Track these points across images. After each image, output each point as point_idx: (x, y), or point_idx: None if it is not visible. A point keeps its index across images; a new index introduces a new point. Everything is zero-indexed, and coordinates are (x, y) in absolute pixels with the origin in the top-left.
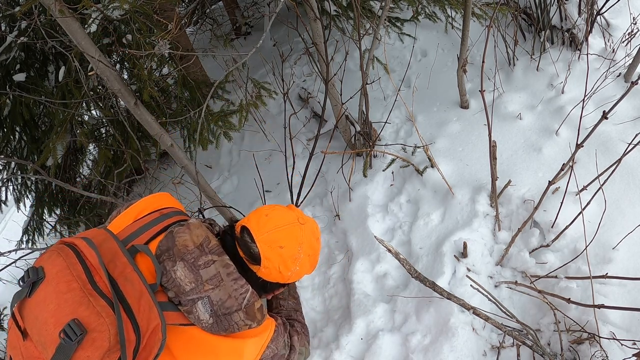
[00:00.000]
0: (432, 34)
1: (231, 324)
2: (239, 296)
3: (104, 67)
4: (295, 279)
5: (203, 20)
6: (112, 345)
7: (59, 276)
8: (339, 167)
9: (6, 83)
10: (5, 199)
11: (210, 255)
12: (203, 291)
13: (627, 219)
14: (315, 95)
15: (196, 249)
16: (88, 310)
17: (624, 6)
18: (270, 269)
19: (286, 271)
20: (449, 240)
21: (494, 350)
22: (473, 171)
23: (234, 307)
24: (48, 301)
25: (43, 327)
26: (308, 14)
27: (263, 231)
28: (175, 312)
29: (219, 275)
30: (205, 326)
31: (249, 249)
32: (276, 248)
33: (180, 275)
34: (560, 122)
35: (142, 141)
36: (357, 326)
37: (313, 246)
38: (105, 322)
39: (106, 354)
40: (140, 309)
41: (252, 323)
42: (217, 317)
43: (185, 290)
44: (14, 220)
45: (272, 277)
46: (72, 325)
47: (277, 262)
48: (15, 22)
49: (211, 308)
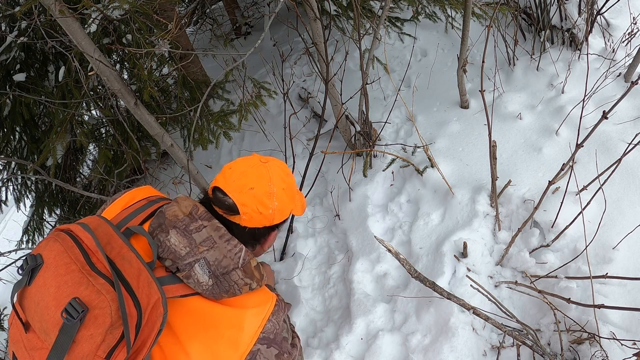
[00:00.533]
0: (432, 34)
1: (231, 284)
2: (234, 256)
3: (104, 67)
4: (281, 217)
5: (203, 20)
6: (115, 321)
7: (57, 260)
8: (339, 167)
9: (6, 83)
10: (5, 199)
11: (201, 221)
12: (198, 253)
13: (627, 219)
14: (315, 95)
15: (186, 217)
16: (88, 289)
17: (624, 6)
18: (250, 214)
19: (266, 210)
20: (449, 240)
21: (494, 350)
22: (473, 171)
23: (230, 266)
24: (48, 285)
25: (45, 311)
26: (308, 14)
27: (230, 182)
28: (175, 284)
29: (212, 238)
30: (206, 289)
31: (224, 203)
32: (247, 191)
33: (174, 241)
34: (560, 122)
35: (142, 141)
36: (357, 326)
37: (284, 179)
38: (106, 299)
39: (109, 330)
40: (139, 286)
41: (252, 282)
42: (216, 278)
43: (181, 255)
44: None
45: (256, 221)
46: (73, 304)
47: (253, 204)
48: (15, 22)
49: (209, 269)
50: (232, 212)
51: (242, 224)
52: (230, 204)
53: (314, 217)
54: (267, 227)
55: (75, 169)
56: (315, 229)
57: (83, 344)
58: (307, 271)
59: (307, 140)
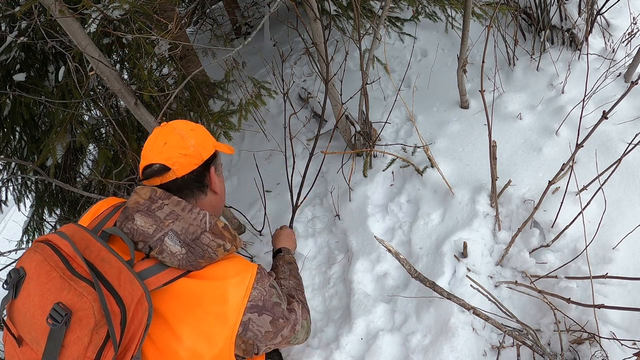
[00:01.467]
0: (432, 34)
1: (204, 248)
2: (200, 222)
3: (104, 67)
4: (206, 152)
5: (203, 20)
6: (98, 320)
7: (39, 269)
8: (339, 167)
9: (6, 83)
10: (5, 199)
11: (161, 201)
12: (165, 227)
13: (627, 219)
14: (315, 95)
15: (146, 201)
16: (70, 293)
17: (624, 6)
18: (179, 161)
19: (187, 150)
20: (449, 240)
21: (494, 350)
22: (473, 171)
23: (198, 231)
24: (32, 295)
25: (32, 321)
26: (308, 14)
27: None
28: (157, 274)
29: (174, 212)
30: (181, 258)
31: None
32: (163, 147)
33: (140, 223)
34: (560, 122)
35: (143, 141)
36: (357, 326)
37: (188, 123)
38: (88, 300)
39: (94, 330)
40: (120, 284)
41: (224, 242)
42: (188, 246)
43: (149, 233)
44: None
45: (186, 164)
46: (56, 309)
47: (174, 152)
48: (15, 22)
49: (178, 239)
50: (164, 172)
51: (178, 175)
52: (158, 167)
53: (314, 217)
54: (201, 166)
55: (75, 169)
56: (315, 229)
57: (72, 347)
58: (307, 271)
59: (307, 140)
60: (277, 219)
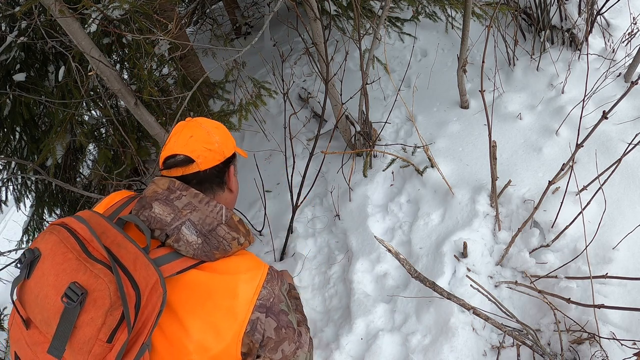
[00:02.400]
0: (432, 34)
1: (219, 240)
2: (216, 215)
3: (104, 67)
4: (228, 150)
5: (203, 20)
6: (114, 302)
7: (54, 250)
8: (339, 167)
9: (6, 83)
10: (5, 199)
11: (179, 192)
12: (182, 216)
13: (627, 219)
14: (315, 95)
15: (165, 191)
16: (86, 274)
17: (624, 6)
18: (203, 155)
19: (212, 145)
20: (449, 240)
21: (494, 350)
22: (473, 171)
23: (215, 223)
24: (47, 275)
25: (45, 301)
26: (308, 14)
27: (172, 146)
28: (171, 262)
29: (192, 203)
30: (196, 248)
31: (177, 161)
32: (189, 140)
33: (158, 211)
34: (560, 122)
35: (142, 141)
36: (357, 326)
37: (212, 121)
38: (104, 282)
39: (109, 312)
40: (136, 268)
41: (239, 236)
42: (204, 237)
43: (167, 221)
44: (14, 220)
45: (210, 159)
46: (72, 288)
47: (199, 146)
48: (15, 22)
49: (195, 229)
50: (188, 163)
51: (201, 168)
52: (183, 158)
53: (314, 217)
54: (223, 163)
55: (75, 168)
56: (315, 229)
57: (84, 328)
58: (307, 271)
59: (307, 140)
60: (277, 219)
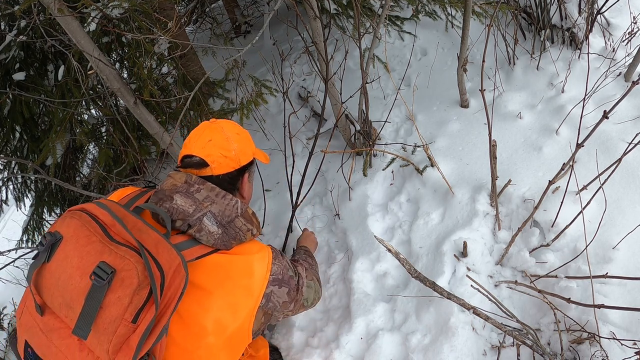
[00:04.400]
0: (432, 33)
1: (236, 231)
2: (232, 207)
3: (103, 66)
4: (245, 158)
5: (203, 19)
6: (141, 281)
7: (77, 233)
8: (338, 166)
9: (6, 82)
10: (6, 198)
11: (197, 185)
12: (204, 208)
13: (627, 219)
14: (315, 94)
15: (184, 184)
16: (111, 256)
17: (624, 5)
18: (218, 160)
19: (229, 152)
20: (449, 240)
21: (494, 350)
22: (473, 170)
23: (233, 215)
24: (70, 257)
25: (68, 282)
26: (308, 13)
27: (191, 146)
28: (191, 248)
29: (210, 197)
30: (217, 237)
31: (193, 162)
32: (207, 143)
33: (180, 203)
34: (560, 121)
35: (143, 140)
36: (357, 325)
37: (234, 128)
38: (131, 262)
39: (136, 291)
40: (159, 252)
41: (252, 227)
42: (223, 227)
43: (189, 212)
44: (14, 219)
45: (224, 165)
46: (101, 266)
47: (216, 151)
48: (14, 20)
49: (215, 220)
50: (203, 166)
51: (214, 173)
52: (198, 160)
53: (313, 216)
54: (237, 170)
55: (75, 168)
56: (315, 228)
57: (110, 308)
58: None
59: (307, 140)
60: (277, 218)
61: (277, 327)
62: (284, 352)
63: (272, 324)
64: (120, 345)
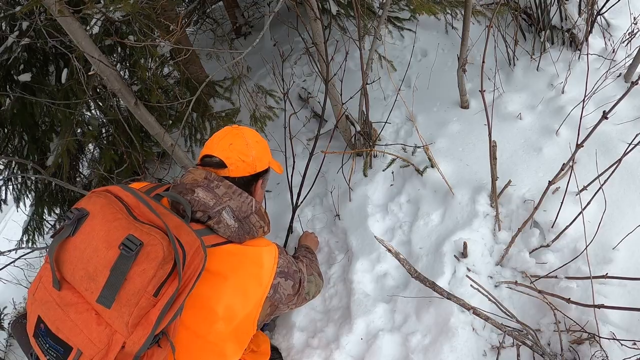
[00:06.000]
0: (433, 34)
1: (250, 226)
2: (248, 205)
3: (104, 67)
4: (261, 165)
5: (203, 21)
6: (166, 255)
7: (104, 209)
8: (339, 167)
9: (7, 83)
10: (5, 198)
11: (215, 182)
12: (223, 202)
13: (627, 219)
14: (316, 95)
15: (204, 180)
16: (137, 231)
17: (624, 6)
18: (236, 163)
19: (247, 157)
20: (449, 240)
21: (494, 350)
22: (473, 171)
23: (248, 211)
24: (97, 230)
25: (93, 254)
26: (308, 14)
27: (213, 147)
28: (208, 235)
29: (228, 193)
30: (233, 231)
31: (213, 162)
32: (228, 147)
33: (202, 196)
34: (560, 122)
35: (146, 141)
36: (357, 326)
37: (255, 136)
38: (156, 237)
39: (160, 264)
40: (180, 234)
41: (264, 225)
42: (239, 222)
43: (210, 205)
44: (14, 220)
45: (241, 169)
46: (130, 238)
47: (235, 155)
48: (16, 22)
49: (233, 215)
50: (221, 167)
51: (231, 175)
52: (218, 161)
53: (313, 217)
54: (253, 175)
55: (75, 168)
56: (316, 228)
57: (135, 279)
58: None
59: (307, 140)
60: (277, 219)
61: (277, 328)
62: (284, 353)
63: (276, 315)
64: (140, 319)
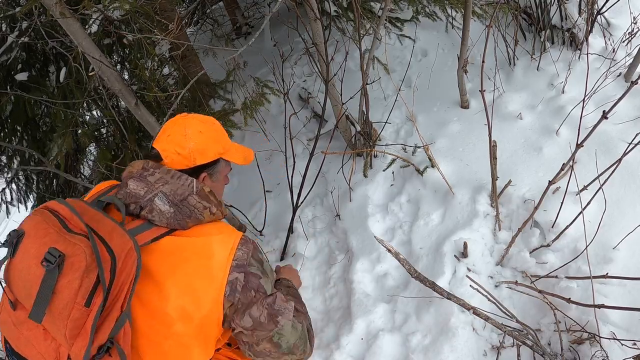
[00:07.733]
0: (433, 34)
1: (191, 209)
2: (187, 187)
3: (104, 67)
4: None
5: (203, 21)
6: (89, 264)
7: (37, 227)
8: (339, 167)
9: (7, 83)
10: (10, 199)
11: (152, 169)
12: (155, 189)
13: (627, 219)
14: (316, 95)
15: (140, 170)
16: (64, 244)
17: (624, 6)
18: (171, 156)
19: (183, 150)
20: (449, 240)
21: (494, 350)
22: (473, 171)
23: (186, 193)
24: (29, 248)
25: (27, 272)
26: (308, 14)
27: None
28: (145, 231)
29: (164, 178)
30: (169, 216)
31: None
32: (165, 138)
33: (133, 187)
34: (560, 121)
35: (144, 141)
36: (357, 326)
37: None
38: (80, 247)
39: (85, 273)
40: (112, 238)
41: (210, 205)
42: (176, 206)
43: (140, 194)
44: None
45: (177, 162)
46: (50, 252)
47: (171, 147)
48: (15, 22)
49: (167, 199)
50: (159, 159)
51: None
52: (155, 152)
53: (314, 217)
54: (191, 169)
55: (75, 169)
56: (316, 229)
57: (63, 292)
58: (307, 271)
59: (308, 141)
60: (277, 219)
61: None
62: None
63: None
64: (78, 330)
